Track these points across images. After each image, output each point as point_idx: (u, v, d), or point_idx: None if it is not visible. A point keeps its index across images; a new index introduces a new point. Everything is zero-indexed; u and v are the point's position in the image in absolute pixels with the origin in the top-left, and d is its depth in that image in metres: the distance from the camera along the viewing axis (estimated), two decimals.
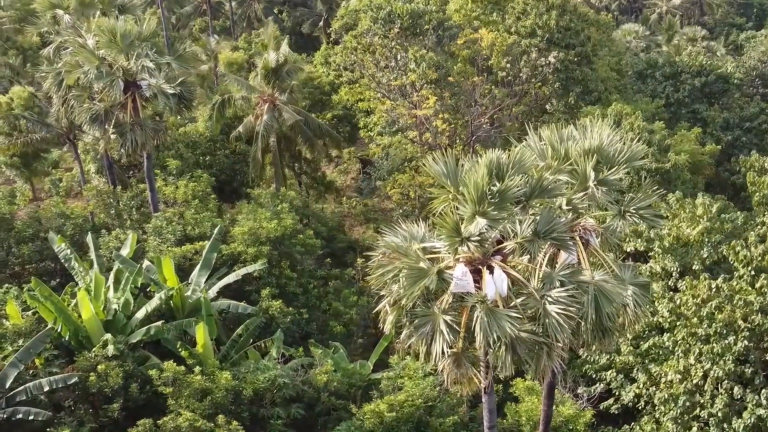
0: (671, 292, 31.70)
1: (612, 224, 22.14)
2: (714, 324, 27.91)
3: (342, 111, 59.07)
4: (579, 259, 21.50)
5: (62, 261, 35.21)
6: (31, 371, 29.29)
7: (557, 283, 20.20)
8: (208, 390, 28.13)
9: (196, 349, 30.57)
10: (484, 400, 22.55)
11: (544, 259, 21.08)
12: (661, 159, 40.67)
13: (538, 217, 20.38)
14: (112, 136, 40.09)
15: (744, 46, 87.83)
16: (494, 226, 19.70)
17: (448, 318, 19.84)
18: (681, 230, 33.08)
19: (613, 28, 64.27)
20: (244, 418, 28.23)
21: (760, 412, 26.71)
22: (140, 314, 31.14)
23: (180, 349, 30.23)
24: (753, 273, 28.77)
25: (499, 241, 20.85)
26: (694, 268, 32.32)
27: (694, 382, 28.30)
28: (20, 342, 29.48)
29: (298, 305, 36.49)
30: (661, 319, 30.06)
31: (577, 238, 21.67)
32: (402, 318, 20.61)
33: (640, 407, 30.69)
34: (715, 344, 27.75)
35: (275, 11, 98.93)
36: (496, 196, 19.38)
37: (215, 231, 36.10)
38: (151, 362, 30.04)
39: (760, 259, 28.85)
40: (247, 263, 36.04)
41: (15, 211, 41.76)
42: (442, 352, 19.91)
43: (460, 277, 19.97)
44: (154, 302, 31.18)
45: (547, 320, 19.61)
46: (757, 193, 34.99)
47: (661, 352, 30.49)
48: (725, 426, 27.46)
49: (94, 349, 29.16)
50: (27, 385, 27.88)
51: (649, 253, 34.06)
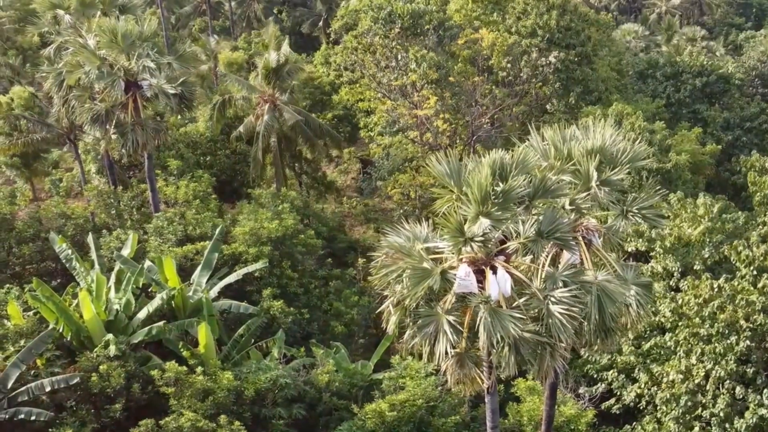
0: (672, 292, 31.70)
1: (615, 224, 22.16)
2: (716, 324, 27.91)
3: (342, 111, 59.03)
4: (581, 259, 21.52)
5: (63, 261, 35.12)
6: (33, 371, 29.27)
7: (560, 284, 20.18)
8: (210, 390, 28.12)
9: (197, 349, 30.56)
10: (487, 400, 22.52)
11: (546, 260, 21.07)
12: (662, 159, 40.68)
13: (541, 218, 20.35)
14: (113, 137, 40.04)
15: (743, 46, 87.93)
16: (498, 227, 19.67)
17: (452, 318, 19.81)
18: (682, 230, 33.08)
19: (613, 28, 64.25)
20: (246, 418, 28.21)
21: (762, 411, 26.73)
22: (142, 314, 31.10)
23: (182, 350, 30.22)
24: (755, 273, 28.77)
25: (502, 242, 20.84)
26: (695, 268, 32.32)
27: (696, 381, 28.31)
28: (22, 342, 29.45)
29: (299, 305, 36.46)
30: (663, 319, 30.06)
31: (580, 239, 21.67)
32: (405, 318, 20.59)
33: (642, 407, 30.69)
34: (717, 344, 27.75)
35: (275, 11, 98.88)
36: (499, 197, 19.35)
37: (216, 231, 36.08)
38: (153, 362, 30.00)
39: (762, 259, 28.83)
40: (248, 263, 36.01)
41: (16, 212, 41.68)
42: (446, 353, 19.90)
43: (464, 278, 19.93)
44: (156, 302, 31.13)
45: (551, 320, 19.57)
46: (758, 193, 34.98)
47: (662, 352, 30.49)
48: (727, 426, 27.46)
49: (96, 350, 29.13)
50: (29, 386, 27.86)
51: (651, 253, 34.06)
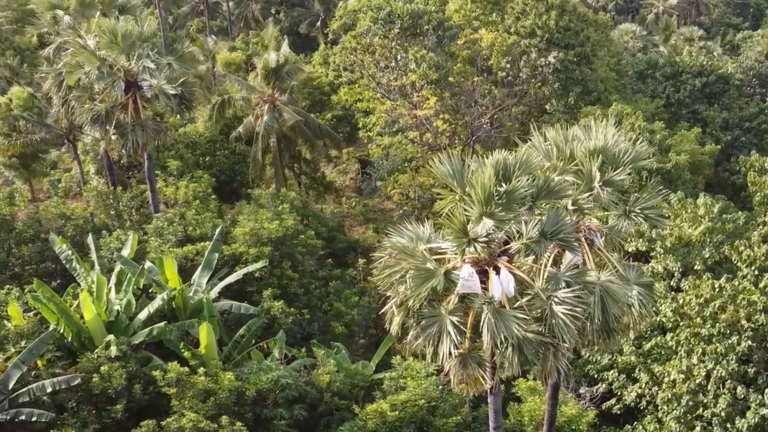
0: (673, 292, 31.71)
1: (617, 224, 22.18)
2: (717, 324, 27.92)
3: (341, 111, 59.00)
4: (584, 259, 21.53)
5: (63, 262, 35.05)
6: (34, 372, 29.22)
7: (563, 284, 20.19)
8: (211, 391, 28.08)
9: (198, 349, 30.55)
10: (489, 400, 22.53)
11: (548, 260, 21.08)
12: (662, 159, 40.70)
13: (545, 218, 20.35)
14: (113, 137, 40.02)
15: (741, 46, 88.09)
16: (501, 227, 19.68)
17: (455, 319, 19.84)
18: (683, 230, 33.10)
19: (612, 28, 64.27)
20: (247, 419, 28.15)
21: (764, 411, 26.72)
22: (142, 315, 31.05)
23: (183, 350, 30.20)
24: (756, 273, 28.77)
25: (505, 242, 20.85)
26: (695, 268, 32.34)
27: (697, 381, 28.32)
28: (23, 343, 29.42)
29: (300, 306, 36.41)
30: (664, 319, 30.07)
31: (582, 239, 21.69)
32: (409, 319, 20.60)
33: (642, 407, 30.70)
34: (718, 344, 27.76)
35: (272, 11, 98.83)
36: (503, 197, 19.37)
37: (216, 231, 36.05)
38: (154, 363, 29.96)
39: (763, 258, 28.82)
40: (248, 264, 35.96)
41: (15, 212, 41.63)
42: (449, 353, 19.91)
43: (467, 278, 19.94)
44: (157, 303, 31.09)
45: (554, 321, 19.58)
46: (759, 193, 34.97)
47: (663, 352, 30.50)
48: (728, 426, 27.46)
49: (97, 350, 29.08)
50: (30, 387, 27.79)
51: (651, 253, 34.08)
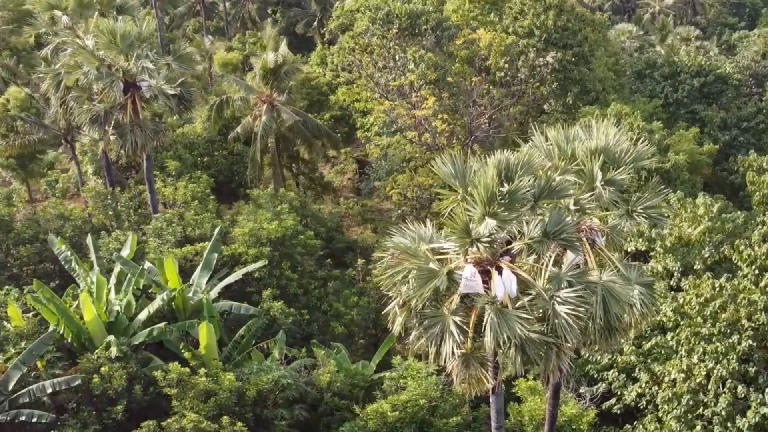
0: (672, 292, 31.73)
1: (619, 224, 22.20)
2: (717, 323, 27.94)
3: (339, 111, 58.95)
4: (585, 259, 21.55)
5: (62, 263, 35.01)
6: (33, 373, 29.19)
7: (565, 284, 20.23)
8: (212, 391, 28.06)
9: (198, 350, 30.53)
10: (491, 400, 22.54)
11: (549, 260, 21.10)
12: (660, 159, 40.71)
13: (546, 218, 20.37)
14: (112, 138, 39.96)
15: (737, 46, 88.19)
16: (503, 227, 19.71)
17: (458, 319, 19.86)
18: (682, 230, 33.11)
19: (609, 27, 64.32)
20: (248, 419, 28.14)
21: (764, 410, 26.71)
22: (142, 316, 31.03)
23: (183, 351, 30.18)
24: (757, 272, 28.78)
25: (507, 242, 20.86)
26: (695, 267, 32.35)
27: (698, 381, 28.34)
28: (22, 344, 29.43)
29: (299, 306, 36.37)
30: (664, 319, 30.09)
31: (584, 239, 21.71)
32: (411, 319, 20.60)
33: (642, 407, 30.71)
34: (718, 343, 27.78)
35: (269, 11, 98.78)
36: (505, 197, 19.39)
37: (215, 232, 36.01)
38: (154, 364, 29.94)
39: (764, 258, 28.84)
40: (247, 264, 35.94)
41: (13, 213, 41.57)
42: (452, 353, 19.92)
43: (470, 278, 19.96)
44: (157, 304, 31.06)
45: (557, 321, 19.62)
46: (757, 193, 34.95)
47: (663, 352, 30.51)
48: (729, 425, 27.48)
49: (97, 351, 29.06)
50: (30, 388, 27.81)
51: (650, 253, 34.10)
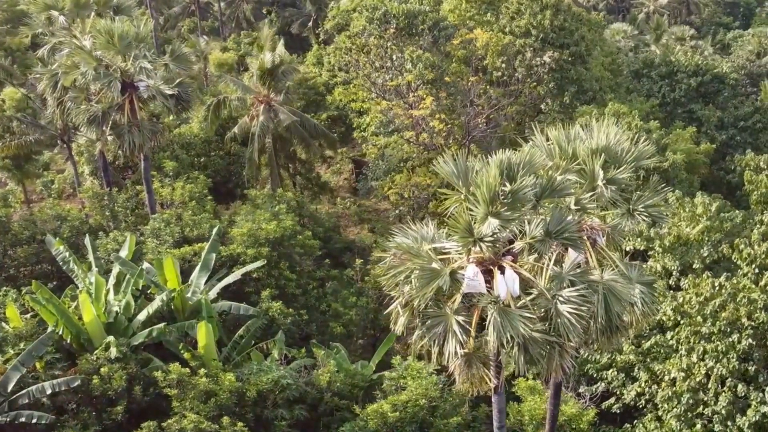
0: (672, 291, 31.75)
1: (620, 223, 22.20)
2: (717, 322, 27.97)
3: (336, 112, 58.88)
4: (586, 258, 21.56)
5: (60, 263, 34.94)
6: (32, 374, 29.12)
7: (567, 283, 20.24)
8: (212, 392, 28.03)
9: (197, 350, 30.48)
10: (494, 399, 22.52)
11: (551, 259, 21.10)
12: (659, 158, 40.68)
13: (548, 217, 20.37)
14: (109, 138, 39.89)
15: (731, 45, 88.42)
16: (506, 227, 19.71)
17: (461, 318, 19.86)
18: (681, 229, 33.13)
19: (605, 27, 64.39)
20: (248, 420, 28.10)
21: (765, 409, 26.74)
22: (142, 316, 30.97)
23: (182, 351, 30.13)
24: (757, 271, 28.80)
25: (509, 241, 20.86)
26: (694, 266, 32.38)
27: (698, 380, 28.38)
28: (21, 345, 29.37)
29: (298, 306, 36.34)
30: (664, 318, 30.11)
31: (585, 238, 21.72)
32: (414, 319, 20.60)
33: (641, 406, 30.74)
34: (718, 342, 27.81)
35: (264, 11, 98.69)
36: (508, 197, 19.37)
37: (214, 232, 35.96)
38: (154, 364, 29.90)
39: (764, 257, 28.88)
40: (246, 265, 35.90)
41: (10, 214, 41.47)
42: (455, 353, 19.92)
43: (472, 278, 19.95)
44: (156, 304, 30.99)
45: (559, 320, 19.63)
46: (755, 192, 35.01)
47: (662, 351, 30.53)
48: (729, 423, 27.53)
49: (97, 352, 29.00)
50: (30, 389, 27.72)
51: (649, 252, 34.11)
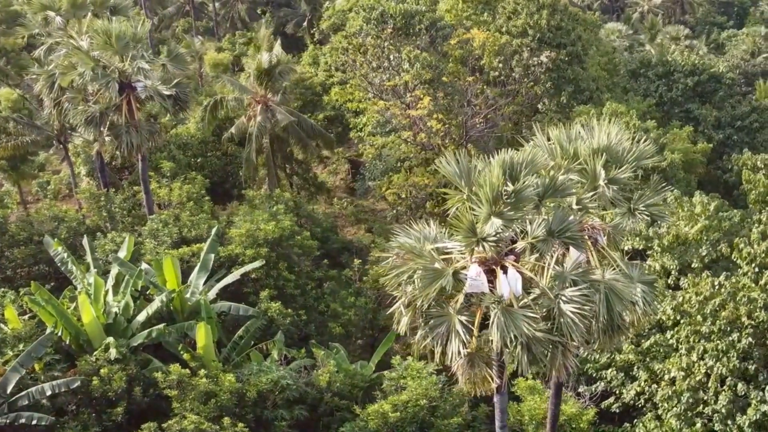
0: (670, 290, 31.79)
1: (621, 222, 22.22)
2: (718, 321, 28.01)
3: (333, 112, 58.82)
4: (588, 258, 21.58)
5: (59, 264, 34.86)
6: (31, 376, 29.04)
7: (569, 283, 20.25)
8: (212, 392, 27.99)
9: (197, 351, 30.43)
10: (496, 399, 22.54)
11: (552, 259, 21.11)
12: (657, 158, 40.69)
13: (550, 217, 20.39)
14: (107, 139, 39.79)
15: (725, 45, 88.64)
16: (509, 226, 19.73)
17: (464, 318, 19.88)
18: (679, 228, 33.16)
19: (600, 27, 64.48)
20: (248, 420, 28.07)
21: (765, 408, 26.77)
22: (141, 317, 30.89)
23: (182, 352, 30.07)
24: (757, 270, 28.83)
25: (512, 241, 20.88)
26: (693, 266, 32.42)
27: (698, 379, 28.41)
28: (20, 346, 29.28)
29: (296, 307, 36.31)
30: (664, 317, 30.14)
31: (586, 237, 21.74)
32: (417, 319, 20.61)
33: (640, 405, 30.77)
34: (718, 341, 27.85)
35: (258, 12, 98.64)
36: (511, 197, 19.40)
37: (213, 232, 35.91)
38: (153, 365, 29.84)
39: (764, 255, 28.92)
40: (245, 265, 35.85)
41: (8, 215, 41.36)
42: (458, 352, 19.93)
43: (475, 278, 19.96)
44: (155, 305, 30.90)
45: (562, 319, 19.65)
46: (753, 191, 35.05)
47: (661, 350, 30.57)
48: (729, 422, 27.57)
49: (96, 353, 28.94)
50: (29, 390, 27.66)
51: (647, 252, 34.14)
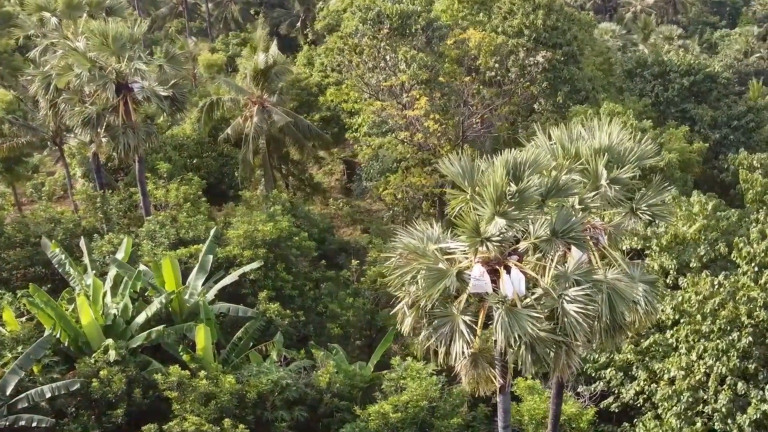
0: (669, 290, 31.84)
1: (623, 222, 22.28)
2: (717, 320, 28.07)
3: (328, 112, 58.75)
4: (589, 257, 21.60)
5: (56, 266, 34.73)
6: (29, 378, 28.92)
7: (572, 282, 20.26)
8: (212, 394, 27.93)
9: (196, 352, 30.37)
10: (499, 399, 22.53)
11: (554, 259, 21.13)
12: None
13: (554, 217, 20.39)
14: (104, 140, 39.66)
15: (718, 45, 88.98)
16: (513, 226, 19.73)
17: (467, 318, 19.88)
18: (677, 228, 33.21)
19: (595, 26, 64.58)
20: (248, 422, 28.02)
21: (765, 407, 26.85)
22: (140, 319, 30.78)
23: (182, 353, 30.00)
24: (756, 269, 28.89)
25: (516, 240, 20.88)
26: (691, 265, 32.48)
27: (697, 378, 28.47)
28: (19, 348, 29.16)
29: (295, 307, 36.24)
30: (663, 317, 30.18)
31: (588, 237, 21.76)
32: (421, 319, 20.60)
33: (639, 405, 30.82)
34: (718, 341, 27.90)
35: (252, 12, 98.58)
36: (515, 196, 19.40)
37: (211, 233, 35.83)
38: (153, 367, 29.74)
39: (763, 255, 28.99)
40: (243, 266, 35.79)
41: (3, 217, 41.22)
42: (462, 353, 19.93)
43: (478, 278, 19.95)
44: (155, 306, 30.81)
45: (566, 319, 19.65)
46: (751, 191, 35.13)
47: (660, 350, 30.62)
48: (729, 421, 27.64)
49: (95, 355, 28.83)
50: (29, 392, 27.56)
51: (645, 252, 34.19)
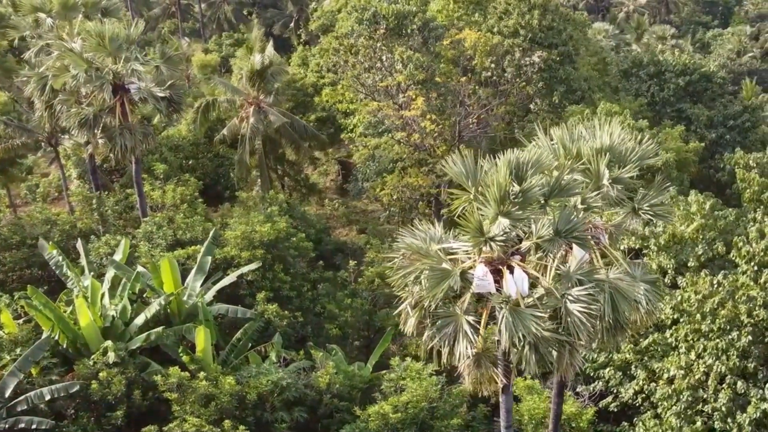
0: (668, 289, 31.87)
1: (625, 222, 22.32)
2: (717, 320, 28.12)
3: (324, 113, 58.72)
4: (591, 257, 21.63)
5: (53, 268, 34.62)
6: (28, 380, 28.81)
7: (575, 282, 20.28)
8: (212, 395, 27.88)
9: (195, 354, 30.30)
10: (501, 399, 22.52)
11: (555, 259, 21.15)
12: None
13: (556, 217, 20.40)
14: (100, 141, 39.53)
15: (710, 44, 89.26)
16: (516, 226, 19.75)
17: (471, 318, 19.88)
18: (675, 227, 33.26)
19: (589, 26, 64.72)
20: (248, 423, 27.98)
21: (764, 406, 26.89)
22: (139, 320, 30.69)
23: (181, 354, 29.93)
24: (756, 269, 28.95)
25: (519, 240, 20.89)
26: (689, 265, 32.53)
27: (697, 377, 28.51)
28: (17, 350, 29.04)
29: (293, 308, 36.21)
30: (663, 316, 30.22)
31: (589, 237, 21.78)
32: (424, 320, 20.60)
33: (638, 404, 30.86)
34: (718, 340, 27.95)
35: (245, 13, 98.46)
36: (518, 196, 19.42)
37: (210, 234, 35.77)
38: (152, 368, 29.67)
39: (762, 254, 29.05)
40: (240, 267, 35.73)
41: (1, 219, 41.10)
42: (465, 353, 19.94)
43: (482, 277, 19.96)
44: (154, 308, 30.73)
45: (569, 319, 19.68)
46: (748, 190, 35.16)
47: (660, 349, 30.66)
48: (729, 420, 27.69)
49: (94, 356, 28.74)
50: (28, 395, 27.46)
51: (643, 251, 34.23)
